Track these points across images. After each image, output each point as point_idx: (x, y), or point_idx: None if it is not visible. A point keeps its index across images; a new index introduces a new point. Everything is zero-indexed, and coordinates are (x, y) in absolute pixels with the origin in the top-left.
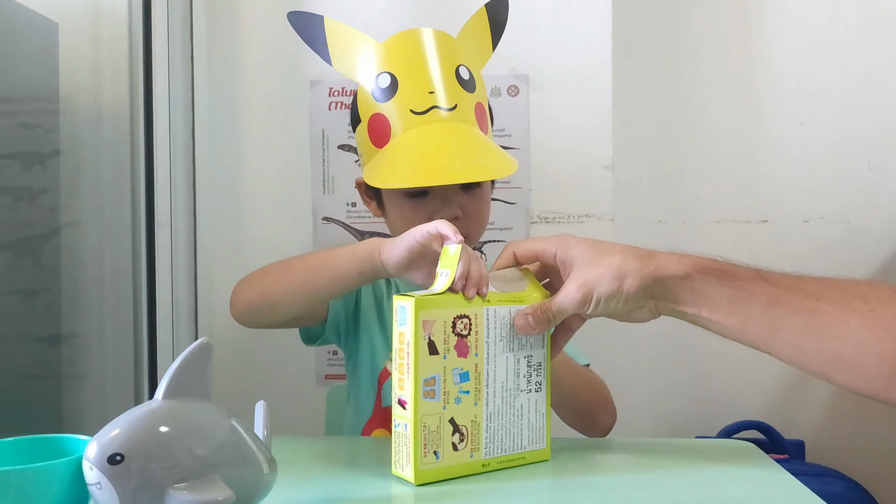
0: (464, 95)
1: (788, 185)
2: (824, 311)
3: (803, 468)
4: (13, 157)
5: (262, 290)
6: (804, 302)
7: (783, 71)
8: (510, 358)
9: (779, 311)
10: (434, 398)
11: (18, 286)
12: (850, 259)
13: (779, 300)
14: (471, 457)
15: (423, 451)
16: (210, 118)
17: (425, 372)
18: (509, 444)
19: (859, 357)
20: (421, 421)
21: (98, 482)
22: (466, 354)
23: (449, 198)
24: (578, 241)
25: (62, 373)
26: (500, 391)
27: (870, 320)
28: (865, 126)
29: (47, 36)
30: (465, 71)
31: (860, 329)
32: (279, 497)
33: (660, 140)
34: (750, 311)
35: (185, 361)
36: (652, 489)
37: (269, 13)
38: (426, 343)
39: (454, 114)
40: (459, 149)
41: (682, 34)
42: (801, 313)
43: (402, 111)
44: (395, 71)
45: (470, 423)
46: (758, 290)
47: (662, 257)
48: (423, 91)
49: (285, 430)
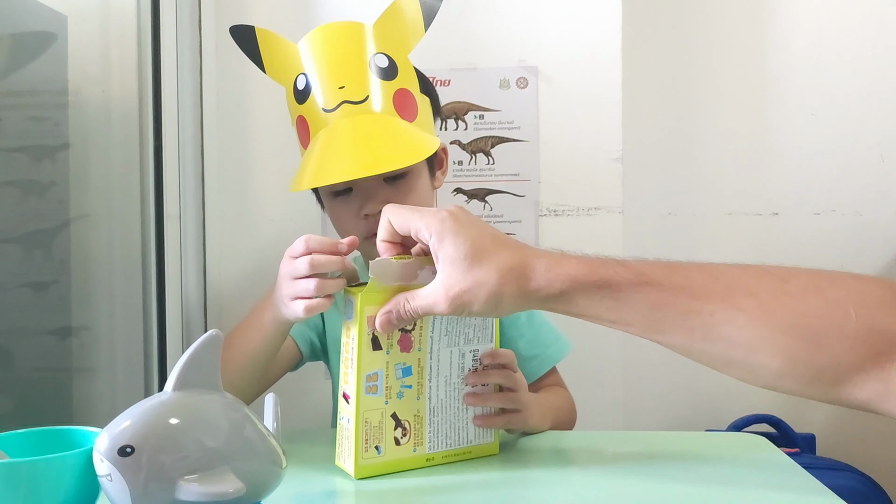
0: (379, 84)
1: (799, 178)
2: (709, 312)
3: (815, 462)
4: (23, 150)
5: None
6: (688, 303)
7: (795, 63)
8: (454, 352)
9: (661, 315)
10: (376, 393)
11: (28, 279)
12: (861, 251)
13: (660, 304)
14: (414, 451)
15: (365, 446)
16: (219, 110)
17: (368, 367)
18: (454, 438)
19: (749, 357)
20: (363, 416)
21: (109, 474)
22: (409, 349)
23: (372, 192)
24: (456, 234)
25: (72, 365)
26: (444, 385)
27: (756, 318)
28: (877, 118)
29: (56, 29)
30: (382, 59)
31: (747, 328)
32: (289, 489)
33: (669, 132)
34: (632, 318)
35: (194, 353)
36: (663, 482)
37: (278, 5)
38: (370, 338)
39: (364, 105)
40: (361, 142)
41: (692, 26)
42: (684, 315)
43: (315, 111)
44: (308, 71)
45: (413, 418)
46: (637, 297)
47: (538, 275)
48: (334, 87)
49: (295, 422)
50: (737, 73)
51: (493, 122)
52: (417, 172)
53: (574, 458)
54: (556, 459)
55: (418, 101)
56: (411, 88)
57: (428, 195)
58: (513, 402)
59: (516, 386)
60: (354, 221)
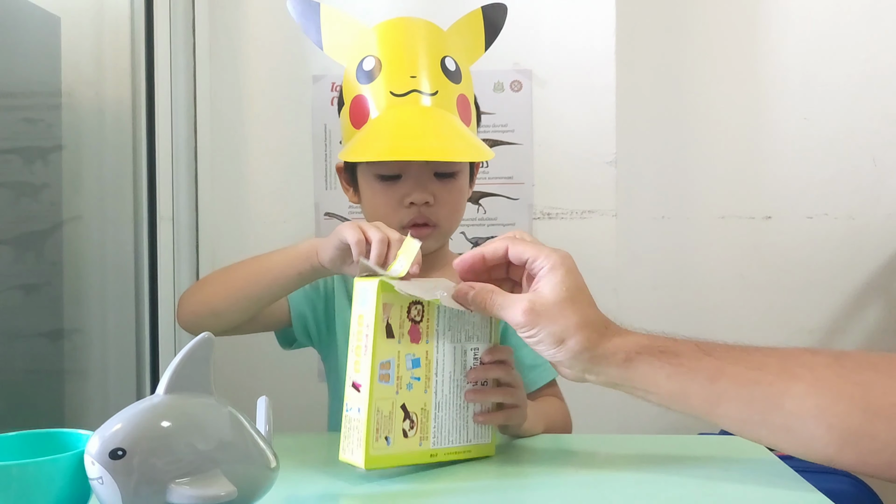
0: (447, 84)
1: (792, 182)
2: (768, 382)
3: (807, 465)
4: (15, 151)
5: (205, 298)
6: (746, 373)
7: (787, 67)
8: (457, 348)
9: (721, 386)
10: (388, 382)
11: (20, 281)
12: (854, 255)
13: (720, 374)
14: (419, 445)
15: (376, 436)
16: (212, 113)
17: (382, 355)
18: (456, 435)
19: (809, 427)
20: (375, 404)
21: (100, 477)
22: (418, 340)
23: (422, 182)
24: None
25: (64, 367)
26: (448, 381)
27: (814, 387)
28: (870, 122)
29: (49, 30)
30: (451, 62)
31: (805, 398)
32: (281, 492)
33: (663, 136)
34: (691, 388)
35: (187, 356)
36: (656, 486)
37: (272, 8)
38: (384, 326)
39: (434, 99)
40: (434, 130)
41: (685, 30)
42: (744, 386)
43: (382, 93)
44: (380, 55)
45: (420, 411)
46: (698, 366)
47: (611, 340)
48: (405, 75)
49: (287, 425)
50: (730, 76)
51: (487, 124)
52: (464, 175)
53: (569, 461)
54: (551, 462)
55: (472, 111)
56: (470, 98)
57: (465, 200)
58: (511, 396)
59: (514, 382)
60: (395, 208)
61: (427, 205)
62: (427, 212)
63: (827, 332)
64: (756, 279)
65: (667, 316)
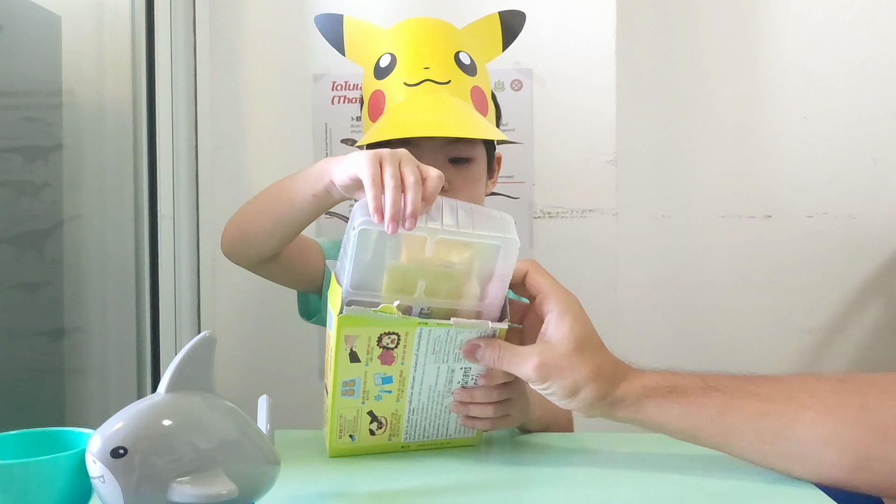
0: (461, 75)
1: (792, 181)
2: (777, 413)
3: None
4: (16, 150)
5: (237, 222)
6: (755, 405)
7: (788, 66)
8: (442, 368)
9: (731, 420)
10: (353, 396)
11: (21, 280)
12: (854, 254)
13: (729, 408)
14: (389, 440)
15: (339, 434)
16: (213, 112)
17: (344, 376)
18: (433, 432)
19: (820, 453)
20: (338, 412)
21: (101, 475)
22: (391, 363)
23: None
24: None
25: (65, 366)
26: (428, 392)
27: (823, 414)
28: (870, 121)
29: (50, 29)
30: (465, 56)
31: (815, 425)
32: (282, 491)
33: (663, 135)
34: (701, 424)
35: (188, 355)
36: (656, 485)
37: (272, 7)
38: (347, 353)
39: (447, 87)
40: (445, 111)
41: (686, 29)
42: (753, 418)
43: (397, 84)
44: (395, 50)
45: (390, 415)
46: (707, 402)
47: (623, 385)
48: (419, 66)
49: (288, 424)
50: (730, 75)
51: None
52: (480, 165)
53: (569, 460)
54: (551, 461)
55: (489, 105)
56: (486, 92)
57: (482, 194)
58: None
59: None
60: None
61: (442, 190)
62: None
63: (827, 332)
64: (756, 278)
65: (667, 315)
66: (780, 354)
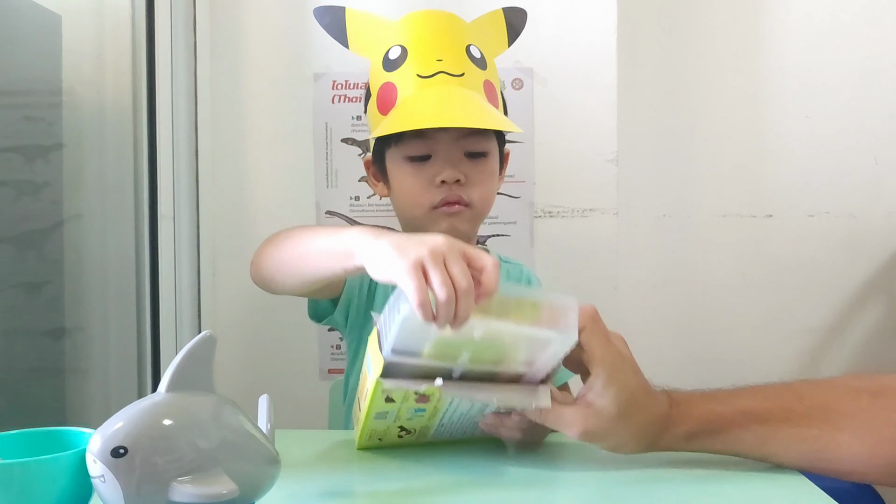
0: (473, 68)
1: (794, 180)
2: (813, 437)
3: None
4: (16, 150)
5: (264, 266)
6: (792, 431)
7: (789, 65)
8: (475, 405)
9: (770, 449)
10: (385, 419)
11: (21, 280)
12: (855, 254)
13: (768, 439)
14: (415, 441)
15: (368, 438)
16: (213, 111)
17: (378, 409)
18: (459, 435)
19: (857, 468)
20: (369, 428)
21: (102, 475)
22: (426, 402)
23: (452, 161)
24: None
25: (65, 366)
26: (460, 416)
27: (858, 436)
28: (871, 120)
29: (50, 29)
30: (476, 50)
31: (851, 445)
32: (282, 490)
33: (664, 134)
34: (741, 453)
35: (188, 355)
36: (657, 484)
37: (273, 6)
38: (383, 399)
39: (461, 80)
40: (462, 104)
41: (687, 28)
42: (792, 445)
43: (409, 76)
44: (406, 42)
45: (420, 428)
46: (745, 436)
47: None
48: (432, 58)
49: (288, 423)
50: (731, 75)
51: None
52: (494, 159)
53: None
54: (552, 461)
55: (500, 100)
56: (496, 87)
57: (495, 188)
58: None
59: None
60: (426, 189)
61: (458, 183)
62: (459, 191)
63: (828, 331)
64: (757, 277)
65: (667, 314)
66: (781, 354)
